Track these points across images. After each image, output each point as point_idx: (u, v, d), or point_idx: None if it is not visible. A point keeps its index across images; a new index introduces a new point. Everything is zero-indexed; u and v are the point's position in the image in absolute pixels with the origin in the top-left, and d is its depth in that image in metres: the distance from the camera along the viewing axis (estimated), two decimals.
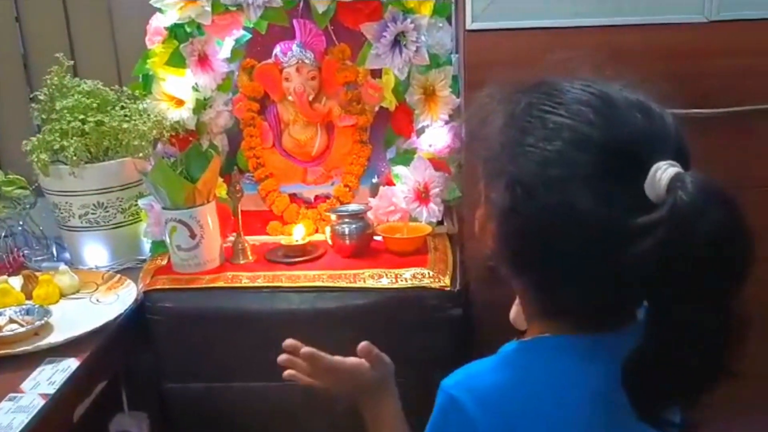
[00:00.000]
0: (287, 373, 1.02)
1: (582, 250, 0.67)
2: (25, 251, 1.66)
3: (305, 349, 1.00)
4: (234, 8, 1.56)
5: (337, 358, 0.98)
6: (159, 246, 1.56)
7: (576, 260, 0.68)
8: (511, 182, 0.70)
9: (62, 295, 1.44)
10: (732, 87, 1.35)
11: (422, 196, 1.57)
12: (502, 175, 0.71)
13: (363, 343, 0.98)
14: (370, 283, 1.37)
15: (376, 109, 1.67)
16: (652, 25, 1.35)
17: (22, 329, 1.26)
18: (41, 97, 1.58)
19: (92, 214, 1.55)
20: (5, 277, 1.46)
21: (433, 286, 1.35)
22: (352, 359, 0.98)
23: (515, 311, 1.05)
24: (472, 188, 0.87)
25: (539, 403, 0.73)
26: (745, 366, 0.66)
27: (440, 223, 1.60)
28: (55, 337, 1.25)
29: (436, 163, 1.60)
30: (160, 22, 1.60)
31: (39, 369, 1.19)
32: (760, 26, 1.34)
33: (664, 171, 0.63)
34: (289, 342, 1.02)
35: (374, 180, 1.69)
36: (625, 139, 0.67)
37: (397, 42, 1.59)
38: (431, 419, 0.78)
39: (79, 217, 1.55)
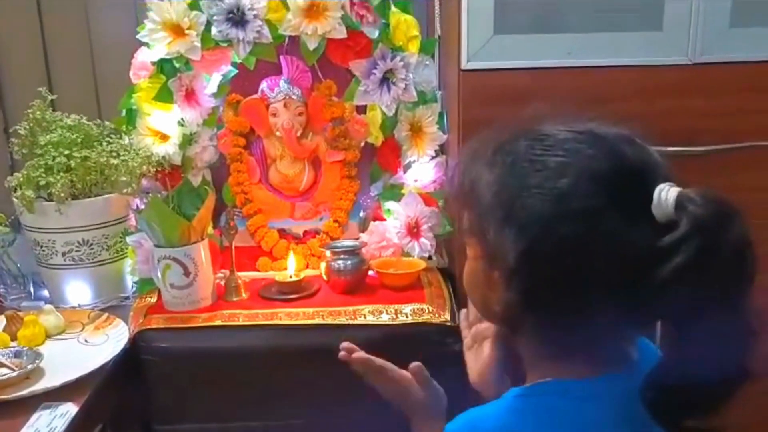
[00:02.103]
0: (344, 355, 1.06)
1: (606, 277, 0.68)
2: (0, 290, 1.60)
3: (356, 355, 1.03)
4: (224, 44, 1.56)
5: (390, 364, 1.02)
6: (146, 284, 1.53)
7: (600, 289, 0.68)
8: (525, 224, 0.70)
9: (48, 336, 1.39)
10: (713, 126, 1.42)
11: (414, 231, 1.59)
12: (509, 221, 0.71)
13: (415, 363, 1.00)
14: (370, 320, 1.37)
15: (362, 144, 1.69)
16: (640, 67, 1.41)
17: (14, 374, 1.21)
18: (21, 132, 1.53)
19: (76, 251, 1.51)
20: None
21: (434, 321, 1.37)
22: (404, 371, 1.01)
23: (477, 372, 1.02)
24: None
25: None
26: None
27: (429, 257, 1.62)
28: (50, 381, 1.20)
29: (425, 198, 1.62)
30: (146, 57, 1.58)
31: (36, 415, 1.14)
32: (740, 68, 1.41)
33: (667, 191, 0.66)
34: (345, 344, 1.05)
35: (361, 214, 1.70)
36: (626, 168, 0.70)
37: (386, 79, 1.62)
38: None
39: (63, 254, 1.50)
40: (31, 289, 1.62)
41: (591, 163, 0.70)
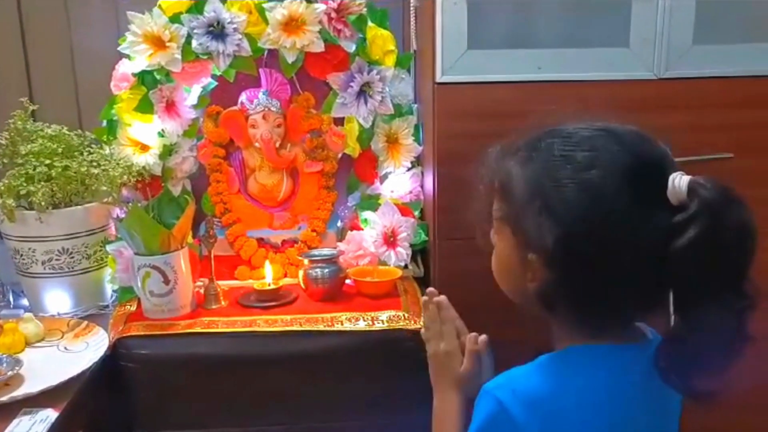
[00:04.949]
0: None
1: (631, 255, 0.77)
2: None
3: (438, 298, 1.10)
4: (204, 56, 1.59)
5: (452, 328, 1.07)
6: (127, 292, 1.55)
7: (626, 266, 0.77)
8: (561, 212, 0.79)
9: (27, 344, 1.40)
10: (678, 139, 1.46)
11: (390, 240, 1.62)
12: (546, 211, 0.80)
13: (483, 337, 1.04)
14: (348, 326, 1.40)
15: (339, 156, 1.72)
16: (608, 81, 1.46)
17: None
18: (2, 142, 1.55)
19: (57, 260, 1.52)
20: None
21: (409, 327, 1.40)
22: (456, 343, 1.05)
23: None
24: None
25: (578, 407, 0.81)
26: None
27: (405, 266, 1.65)
28: (30, 387, 1.22)
29: (401, 208, 1.66)
30: (127, 68, 1.60)
31: (16, 421, 1.15)
32: (702, 83, 1.47)
33: (680, 179, 0.76)
34: (430, 289, 1.13)
35: (339, 224, 1.73)
36: (644, 159, 0.80)
37: (363, 92, 1.66)
38: (476, 420, 0.84)
39: (43, 263, 1.52)
40: (11, 298, 1.63)
41: (615, 156, 0.79)
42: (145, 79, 1.60)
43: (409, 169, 1.72)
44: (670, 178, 0.76)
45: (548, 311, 0.87)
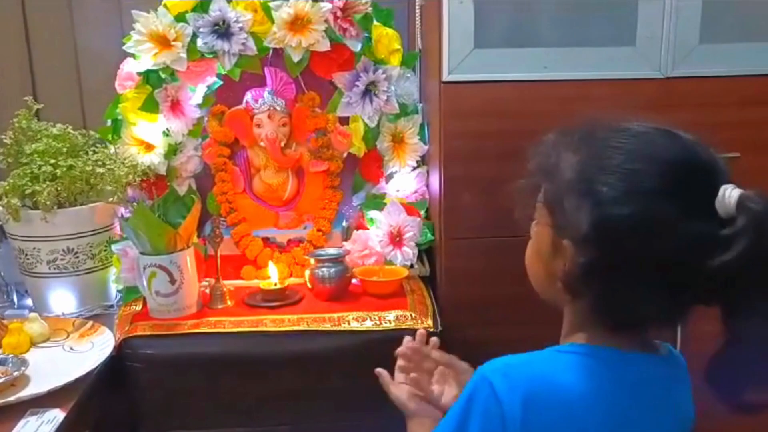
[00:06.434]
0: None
1: (664, 255, 0.75)
2: None
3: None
4: (210, 55, 1.58)
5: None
6: (132, 292, 1.54)
7: (657, 265, 0.75)
8: (600, 198, 0.77)
9: (32, 344, 1.40)
10: None
11: (396, 239, 1.62)
12: (586, 195, 0.78)
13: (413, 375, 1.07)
14: (354, 326, 1.40)
15: (344, 155, 1.72)
16: (614, 80, 1.45)
17: (0, 380, 1.22)
18: (6, 141, 1.54)
19: (61, 260, 1.52)
20: None
21: (416, 327, 1.39)
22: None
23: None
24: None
25: (567, 404, 0.78)
26: None
27: (411, 266, 1.65)
28: (36, 388, 1.21)
29: (407, 207, 1.65)
30: (132, 67, 1.60)
31: (23, 421, 1.15)
32: (709, 82, 1.47)
33: (731, 191, 0.74)
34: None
35: (344, 224, 1.73)
36: (696, 163, 0.77)
37: (368, 91, 1.65)
38: (461, 395, 0.83)
39: (47, 263, 1.51)
40: (15, 298, 1.62)
41: (665, 152, 0.77)
42: (150, 78, 1.59)
43: (414, 169, 1.72)
44: (722, 188, 0.75)
45: (571, 300, 0.85)
